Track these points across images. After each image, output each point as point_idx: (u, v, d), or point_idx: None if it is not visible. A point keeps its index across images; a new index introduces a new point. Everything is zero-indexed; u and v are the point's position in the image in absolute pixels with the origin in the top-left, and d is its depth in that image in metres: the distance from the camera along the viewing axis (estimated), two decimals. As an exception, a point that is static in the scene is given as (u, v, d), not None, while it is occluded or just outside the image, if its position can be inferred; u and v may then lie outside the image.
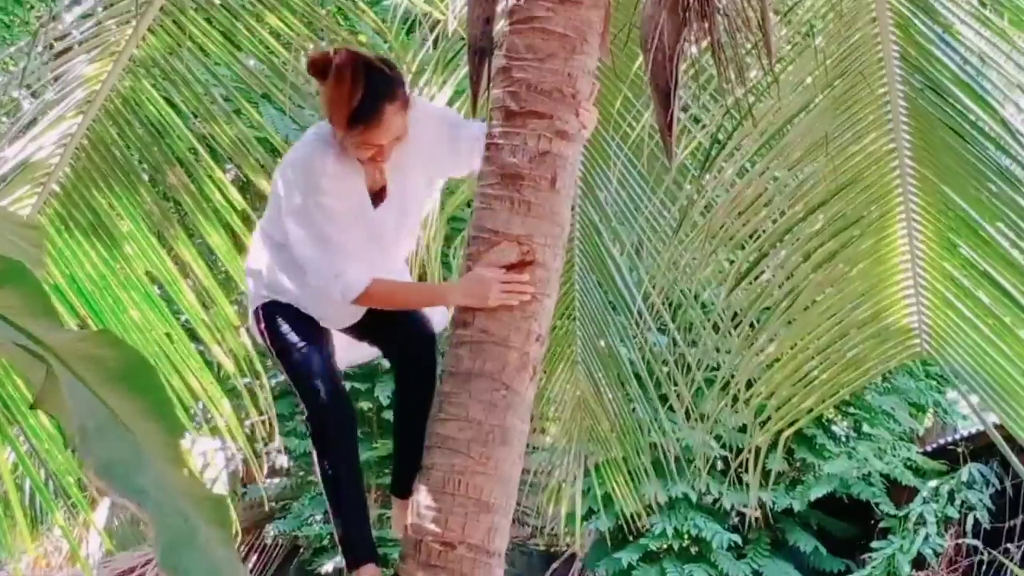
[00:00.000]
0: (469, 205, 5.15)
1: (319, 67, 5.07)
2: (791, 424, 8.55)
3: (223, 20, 8.04)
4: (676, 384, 9.22)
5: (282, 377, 17.50)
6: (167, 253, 8.22)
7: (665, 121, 5.24)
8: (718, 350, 8.82)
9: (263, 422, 8.43)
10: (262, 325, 5.37)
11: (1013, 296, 7.81)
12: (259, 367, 8.19)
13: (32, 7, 15.33)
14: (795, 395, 8.47)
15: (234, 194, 8.13)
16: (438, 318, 5.41)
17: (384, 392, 17.75)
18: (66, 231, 7.90)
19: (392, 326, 5.35)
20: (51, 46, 7.88)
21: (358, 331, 5.42)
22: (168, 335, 8.16)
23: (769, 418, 8.54)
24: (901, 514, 18.38)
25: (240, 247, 8.34)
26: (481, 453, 4.73)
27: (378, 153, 5.12)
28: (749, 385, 8.51)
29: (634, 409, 9.69)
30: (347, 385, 17.49)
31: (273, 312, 5.36)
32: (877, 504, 18.73)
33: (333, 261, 5.08)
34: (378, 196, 5.29)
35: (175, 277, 8.19)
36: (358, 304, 5.15)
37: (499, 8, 5.17)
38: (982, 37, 7.72)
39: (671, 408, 9.61)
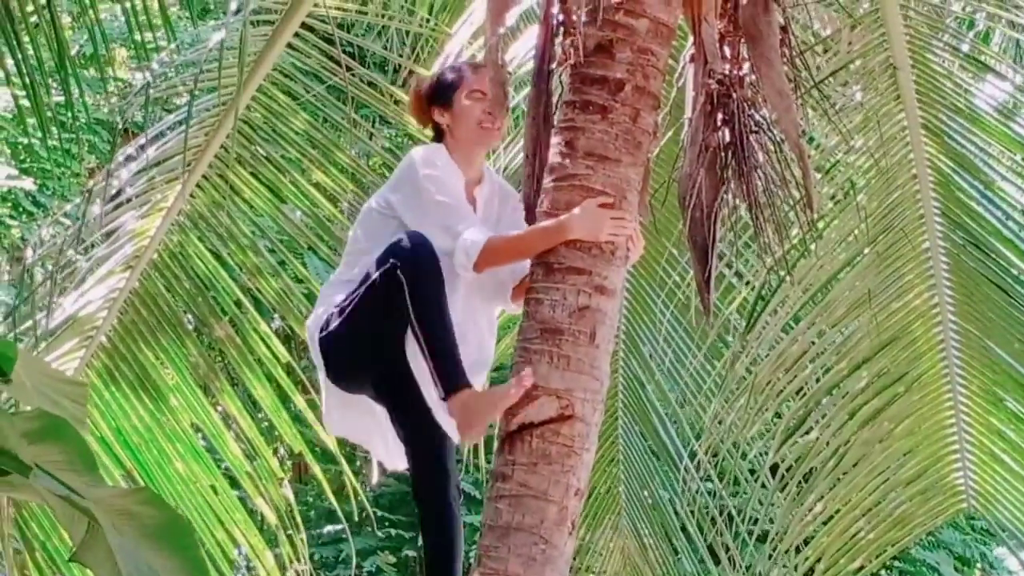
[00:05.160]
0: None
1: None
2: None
3: (269, 175, 8.18)
4: (720, 539, 9.17)
5: (325, 528, 17.29)
6: (212, 405, 8.29)
7: (703, 278, 5.28)
8: (761, 503, 8.77)
9: (306, 571, 8.40)
10: (333, 324, 5.22)
11: (1059, 448, 7.79)
12: (299, 519, 8.21)
13: (82, 159, 15.56)
14: (843, 556, 8.41)
15: (278, 346, 8.22)
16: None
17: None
18: (113, 384, 7.98)
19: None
20: (108, 200, 8.01)
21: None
22: (213, 487, 8.18)
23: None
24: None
25: (284, 398, 8.40)
26: (520, 609, 4.70)
27: (488, 113, 5.32)
28: (799, 548, 8.46)
29: (679, 559, 9.63)
30: (392, 532, 17.47)
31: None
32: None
33: (450, 225, 5.08)
34: None
35: (220, 429, 8.24)
36: (481, 267, 5.06)
37: (545, 180, 5.23)
38: (1023, 192, 7.76)
39: (717, 561, 9.54)
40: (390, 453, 5.43)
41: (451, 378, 4.96)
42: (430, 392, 5.07)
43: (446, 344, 5.00)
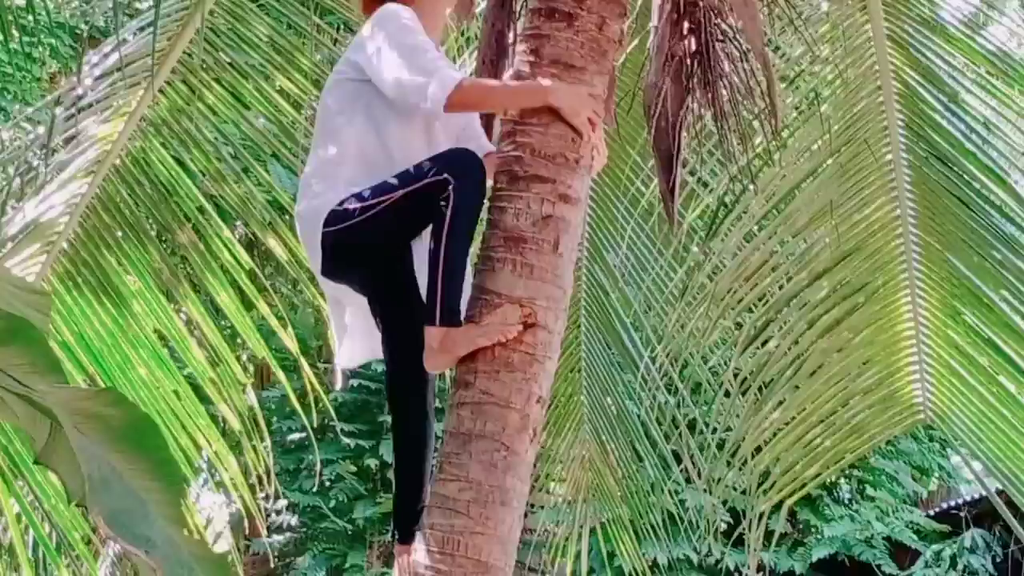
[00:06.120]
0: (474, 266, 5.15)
1: None
2: (796, 491, 8.57)
3: (232, 81, 8.13)
4: (684, 445, 9.25)
5: (293, 435, 17.33)
6: (175, 311, 8.28)
7: (668, 187, 5.30)
8: (723, 409, 8.84)
9: (268, 477, 8.43)
10: (351, 219, 5.03)
11: (1016, 363, 7.85)
12: (262, 424, 8.23)
13: (44, 63, 15.42)
14: (800, 462, 8.48)
15: (242, 253, 8.21)
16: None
17: (390, 450, 17.74)
18: (75, 289, 7.96)
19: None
20: (71, 105, 7.95)
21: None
22: (176, 392, 8.19)
23: (774, 484, 8.55)
24: (903, 576, 18.39)
25: (247, 305, 8.39)
26: (481, 514, 4.73)
27: None
28: (757, 451, 8.53)
29: (639, 469, 9.71)
30: (352, 443, 17.58)
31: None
32: (879, 566, 18.71)
33: (423, 65, 4.95)
34: None
35: (183, 335, 8.23)
36: (451, 109, 4.95)
37: (505, 75, 5.24)
38: (987, 105, 7.77)
39: (674, 468, 9.62)
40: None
41: (450, 309, 4.90)
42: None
43: (460, 275, 4.95)
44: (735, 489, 9.18)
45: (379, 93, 5.12)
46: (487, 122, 5.33)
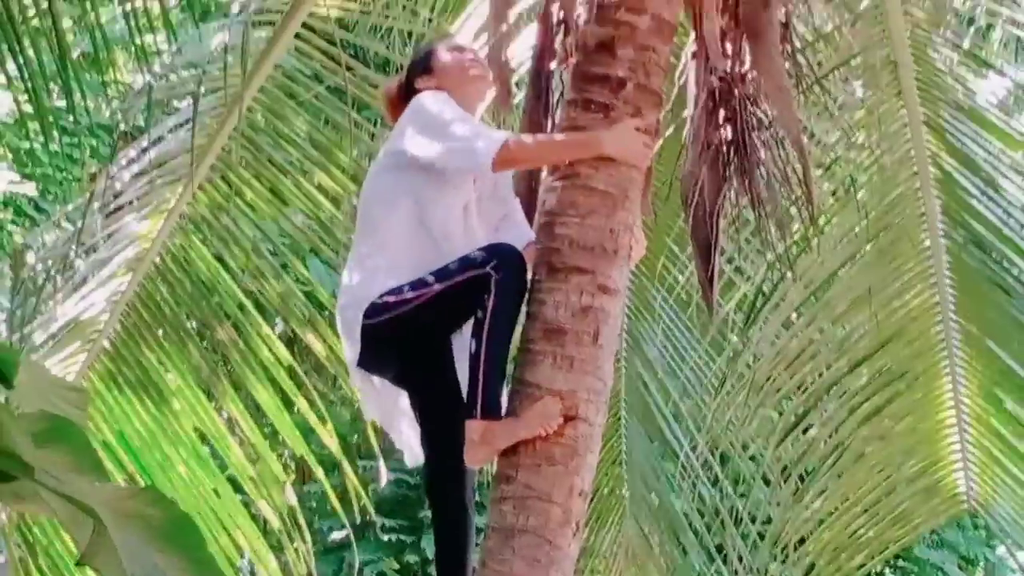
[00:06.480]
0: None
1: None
2: (842, 582, 8.50)
3: (270, 177, 8.16)
4: (726, 536, 9.19)
5: (335, 535, 17.12)
6: (215, 409, 8.27)
7: (706, 276, 5.28)
8: (765, 501, 8.78)
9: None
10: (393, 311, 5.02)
11: (1056, 452, 7.80)
12: (302, 522, 8.19)
13: (84, 164, 15.54)
14: (844, 552, 8.41)
15: (281, 350, 8.20)
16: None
17: (431, 544, 17.62)
18: (115, 387, 7.98)
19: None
20: (106, 205, 8.00)
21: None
22: (215, 491, 8.17)
23: (819, 575, 8.48)
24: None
25: (287, 402, 8.38)
26: (525, 610, 4.70)
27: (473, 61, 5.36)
28: (801, 541, 8.46)
29: (687, 557, 9.63)
30: (393, 538, 17.46)
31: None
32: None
33: (467, 130, 4.98)
34: None
35: (223, 433, 8.23)
36: (500, 168, 4.96)
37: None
38: (1024, 191, 7.76)
39: (717, 559, 9.55)
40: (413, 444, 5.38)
41: (491, 402, 4.88)
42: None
43: (502, 368, 4.94)
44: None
45: (421, 179, 5.11)
46: (528, 209, 5.32)
